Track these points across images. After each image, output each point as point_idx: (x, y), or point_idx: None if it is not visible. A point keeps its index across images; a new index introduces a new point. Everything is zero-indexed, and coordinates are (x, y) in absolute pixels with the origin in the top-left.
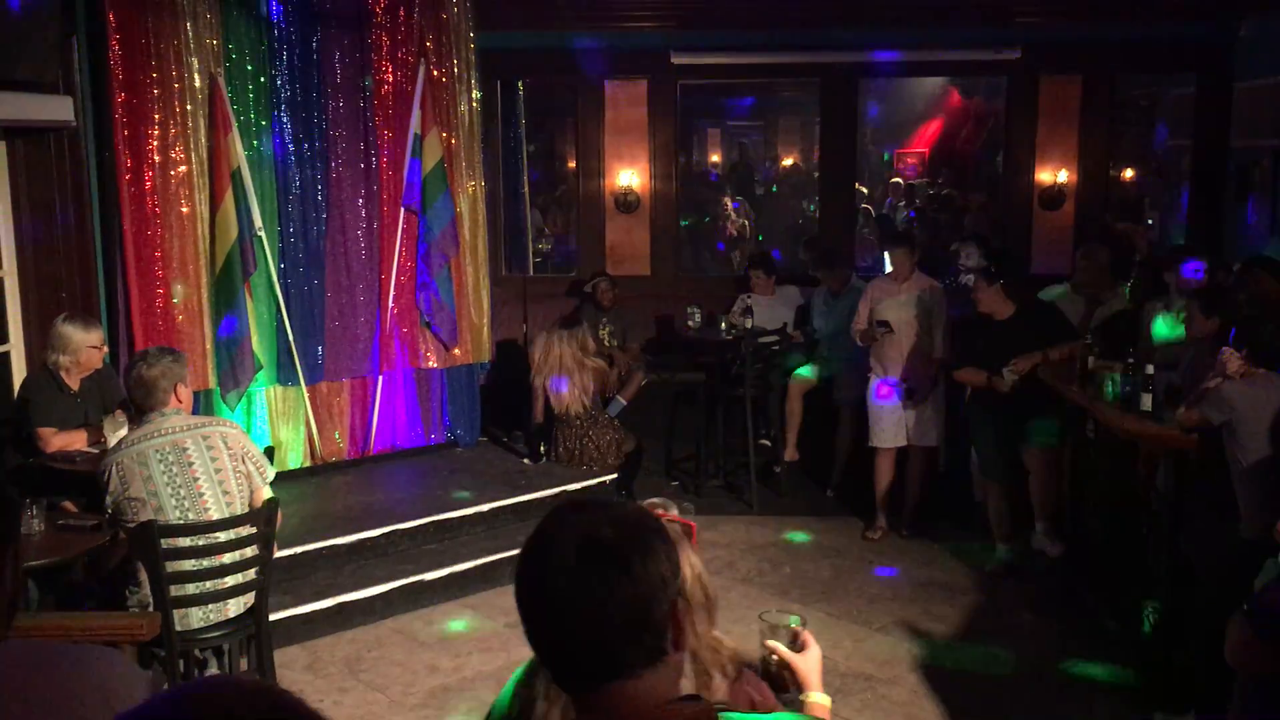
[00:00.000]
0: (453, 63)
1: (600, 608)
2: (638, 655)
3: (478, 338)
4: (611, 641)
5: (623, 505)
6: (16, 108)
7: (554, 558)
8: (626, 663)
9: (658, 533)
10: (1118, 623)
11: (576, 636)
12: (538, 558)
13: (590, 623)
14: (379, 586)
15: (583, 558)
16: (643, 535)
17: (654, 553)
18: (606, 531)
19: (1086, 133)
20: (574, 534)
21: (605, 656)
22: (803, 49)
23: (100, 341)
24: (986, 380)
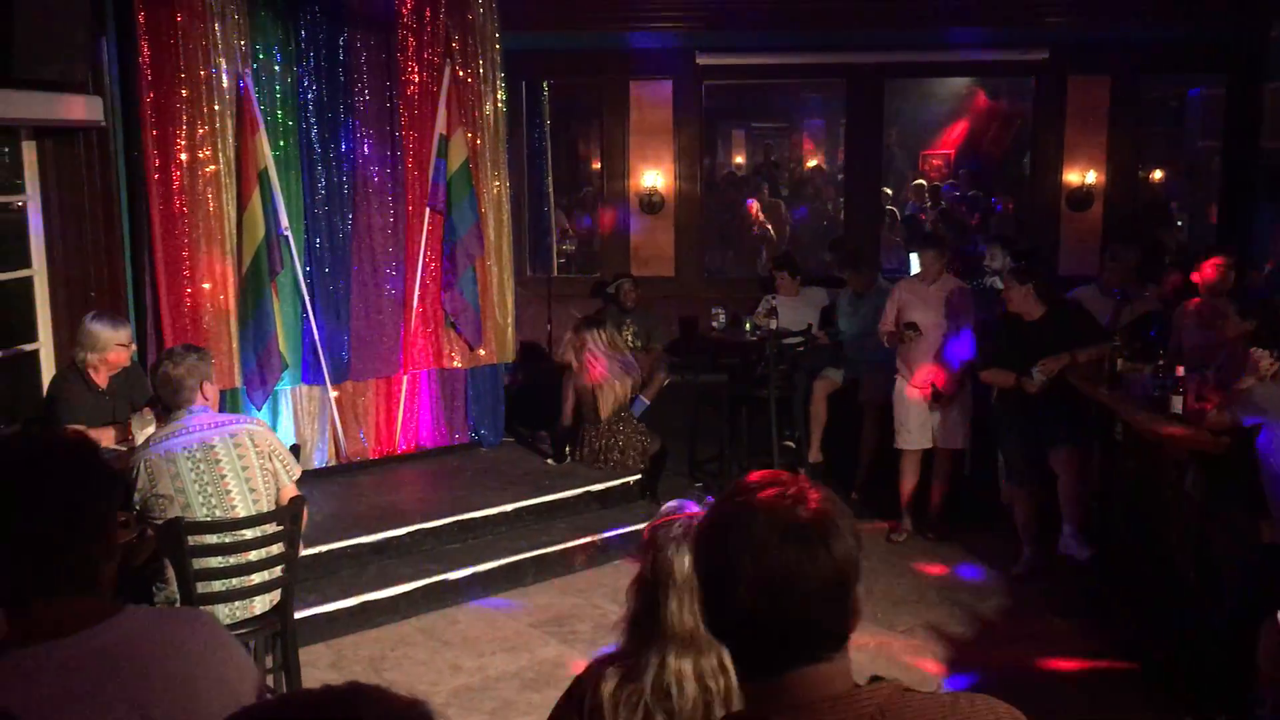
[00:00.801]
0: (478, 63)
1: (806, 586)
2: (833, 637)
3: (502, 338)
4: (815, 621)
5: (803, 483)
6: (46, 108)
7: (756, 537)
8: (823, 645)
9: (846, 513)
10: (1145, 626)
11: (785, 617)
12: (737, 538)
13: (797, 602)
14: (403, 585)
15: (787, 536)
16: (837, 513)
17: (849, 530)
18: (803, 510)
19: (1115, 134)
20: (771, 513)
21: (807, 638)
22: (828, 49)
23: (128, 340)
24: (1014, 381)
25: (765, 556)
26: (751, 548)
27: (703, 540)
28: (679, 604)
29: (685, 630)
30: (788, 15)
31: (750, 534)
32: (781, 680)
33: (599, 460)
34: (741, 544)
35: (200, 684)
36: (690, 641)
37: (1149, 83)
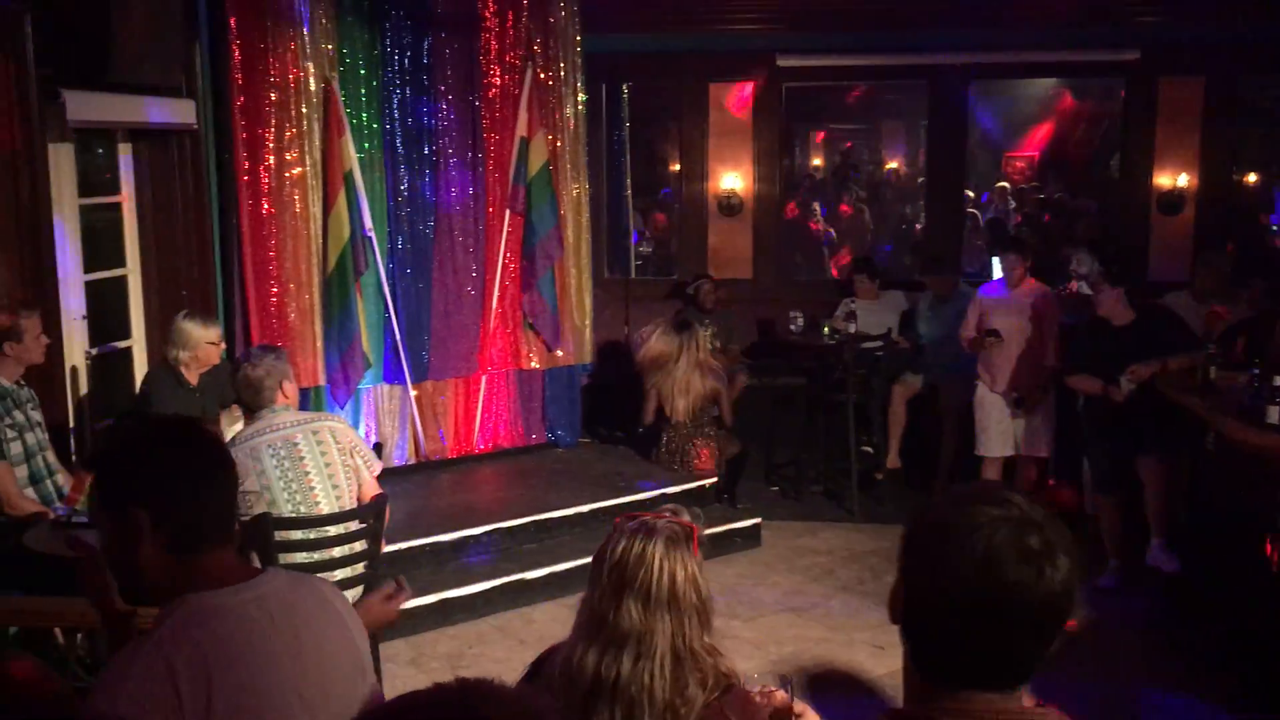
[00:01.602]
0: (559, 66)
1: (1026, 609)
2: (1027, 668)
3: (579, 339)
4: (1023, 647)
5: (1030, 503)
6: (142, 111)
7: (986, 553)
8: (1017, 673)
9: (1070, 539)
10: (1237, 643)
11: (996, 637)
12: (962, 549)
13: (1013, 623)
14: (481, 584)
15: (1020, 556)
16: (1066, 538)
17: (1074, 558)
18: (1034, 532)
19: (1208, 136)
20: (1003, 530)
21: (1007, 662)
22: (911, 50)
23: (218, 338)
24: (1101, 389)
25: (992, 573)
26: (979, 562)
27: (922, 545)
28: (599, 589)
29: (598, 616)
30: (869, 16)
31: (980, 548)
32: (958, 693)
33: (676, 461)
34: (968, 556)
35: (338, 643)
36: (599, 629)
37: (1245, 83)
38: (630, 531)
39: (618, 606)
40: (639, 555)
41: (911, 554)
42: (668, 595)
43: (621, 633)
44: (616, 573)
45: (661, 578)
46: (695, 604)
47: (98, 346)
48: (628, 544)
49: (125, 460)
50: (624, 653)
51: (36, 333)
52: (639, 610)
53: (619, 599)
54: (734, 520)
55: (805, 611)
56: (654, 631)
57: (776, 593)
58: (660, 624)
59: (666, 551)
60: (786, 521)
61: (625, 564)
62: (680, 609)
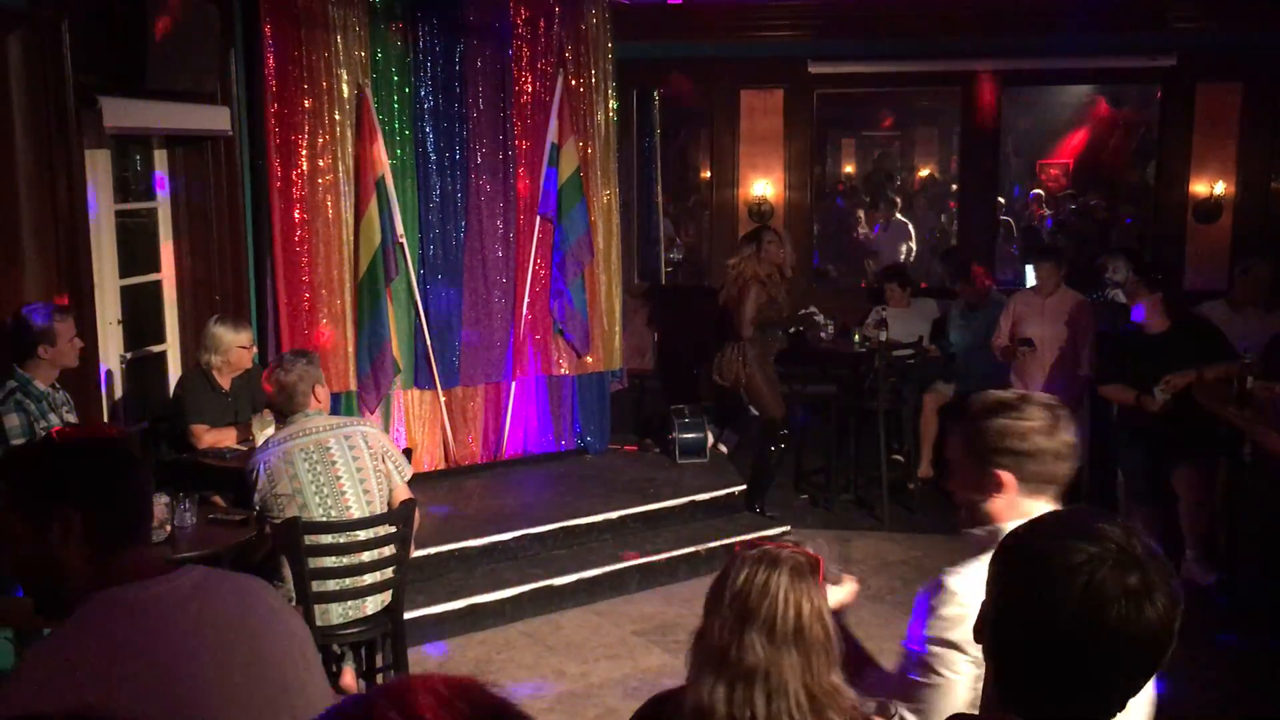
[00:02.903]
0: (590, 73)
1: (1134, 645)
2: (1125, 702)
3: (609, 345)
4: (1128, 683)
5: (1127, 530)
6: (177, 118)
7: (1094, 589)
8: (1116, 707)
9: (1171, 569)
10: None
11: (1104, 675)
12: (1069, 586)
13: (1121, 661)
14: (509, 589)
15: (1127, 592)
16: (1169, 569)
17: (1178, 590)
18: (1138, 565)
19: (1247, 143)
20: (1107, 563)
21: (1121, 694)
22: (943, 56)
23: (249, 342)
24: (1135, 398)
25: (1093, 613)
26: (1079, 600)
27: (1018, 576)
28: (720, 619)
29: (720, 648)
30: (901, 22)
31: (1079, 586)
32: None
33: None
34: (1068, 594)
35: (268, 634)
36: (723, 664)
37: None
38: (753, 560)
39: (740, 640)
40: (763, 586)
41: (1005, 582)
42: (793, 629)
43: (747, 668)
44: (738, 603)
45: (787, 611)
46: (822, 639)
47: (133, 351)
48: (750, 573)
49: (50, 461)
50: (754, 691)
51: (70, 336)
52: (764, 644)
53: (741, 631)
54: (763, 528)
55: None
56: (781, 667)
57: None
58: (787, 659)
59: (792, 583)
60: (816, 530)
61: (748, 594)
62: (807, 644)
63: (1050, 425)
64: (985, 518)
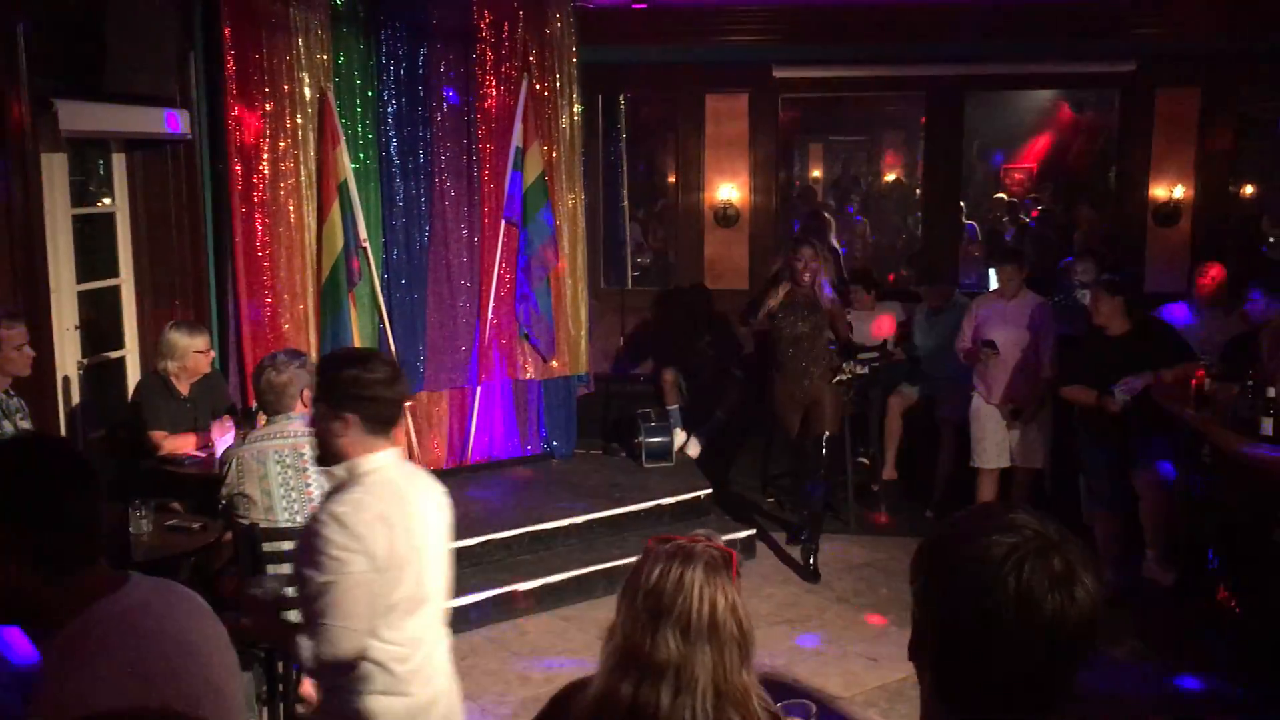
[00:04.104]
0: (555, 77)
1: (1066, 632)
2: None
3: (575, 350)
4: (1067, 670)
5: (1040, 521)
6: (136, 121)
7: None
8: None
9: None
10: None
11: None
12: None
13: (1059, 650)
14: (474, 595)
15: (1052, 582)
16: (1084, 552)
17: (1095, 570)
18: (1058, 552)
19: (1205, 147)
20: (1028, 556)
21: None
22: (907, 61)
23: (206, 346)
24: (1096, 400)
25: (1029, 609)
26: (1014, 599)
27: (948, 588)
28: (632, 614)
29: (631, 644)
30: (865, 28)
31: (1011, 586)
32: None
33: None
34: (1000, 596)
35: (217, 635)
36: (634, 658)
37: (1241, 95)
38: (667, 555)
39: (654, 635)
40: (676, 581)
41: (937, 593)
42: (707, 625)
43: (658, 663)
44: (652, 599)
45: (701, 606)
46: (736, 635)
47: (90, 356)
48: (665, 568)
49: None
50: (662, 684)
51: (19, 343)
52: (677, 640)
53: (655, 627)
54: (728, 532)
55: (800, 623)
56: (693, 663)
57: (771, 604)
58: (700, 655)
59: (706, 578)
60: (782, 533)
61: (662, 590)
62: (720, 640)
63: (390, 378)
64: (340, 453)
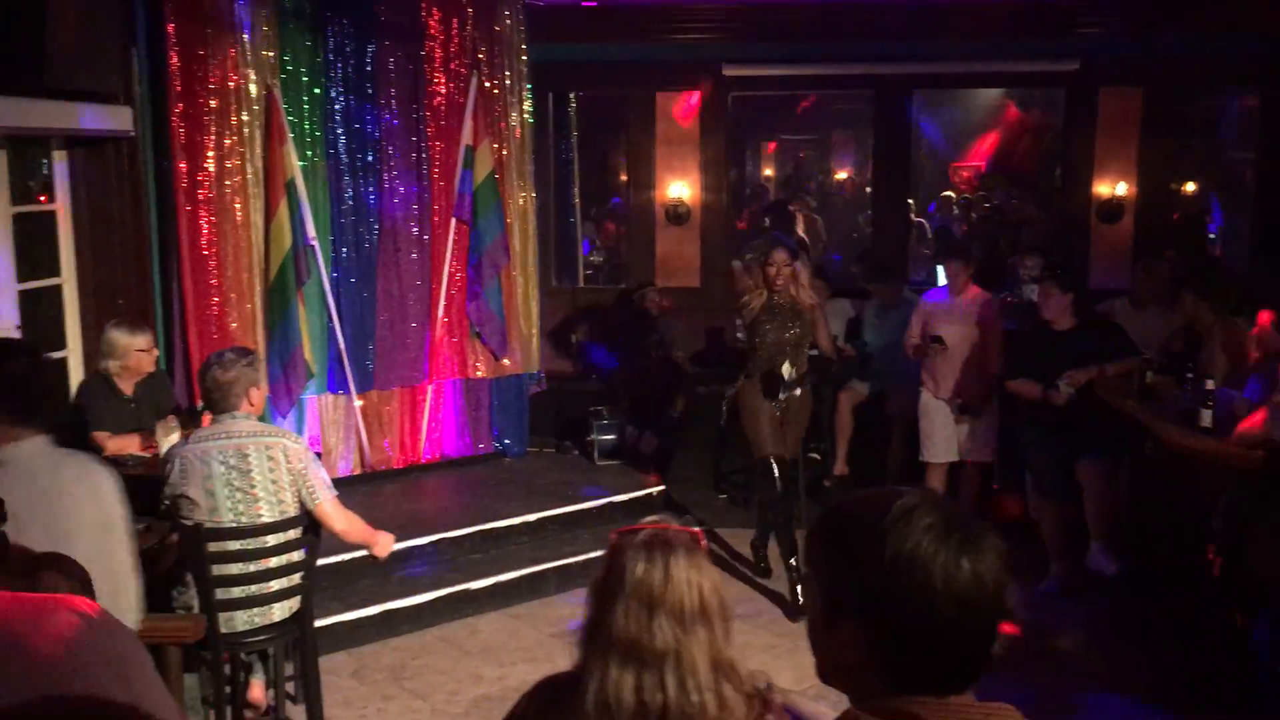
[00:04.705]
0: (504, 74)
1: (987, 597)
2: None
3: (527, 348)
4: (988, 636)
5: (941, 495)
6: (77, 118)
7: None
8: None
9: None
10: (1177, 643)
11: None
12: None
13: (983, 615)
14: (425, 595)
15: (964, 551)
16: (960, 509)
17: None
18: (965, 522)
19: (1147, 145)
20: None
21: (978, 657)
22: (856, 60)
23: (147, 345)
24: (1041, 393)
25: (955, 580)
26: (942, 574)
27: (875, 572)
28: (624, 610)
29: (628, 638)
30: (814, 26)
31: (934, 561)
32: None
33: None
34: (928, 572)
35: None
36: (632, 651)
37: (1182, 94)
38: (647, 548)
39: (649, 627)
40: (665, 572)
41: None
42: (699, 607)
43: (657, 653)
44: (643, 591)
45: (692, 592)
46: (719, 610)
47: None
48: (649, 562)
49: None
50: (665, 674)
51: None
52: (672, 626)
53: (650, 619)
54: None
55: (753, 618)
56: (690, 646)
57: None
58: (695, 638)
59: (689, 564)
60: (735, 529)
61: (652, 582)
62: (710, 619)
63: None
64: None
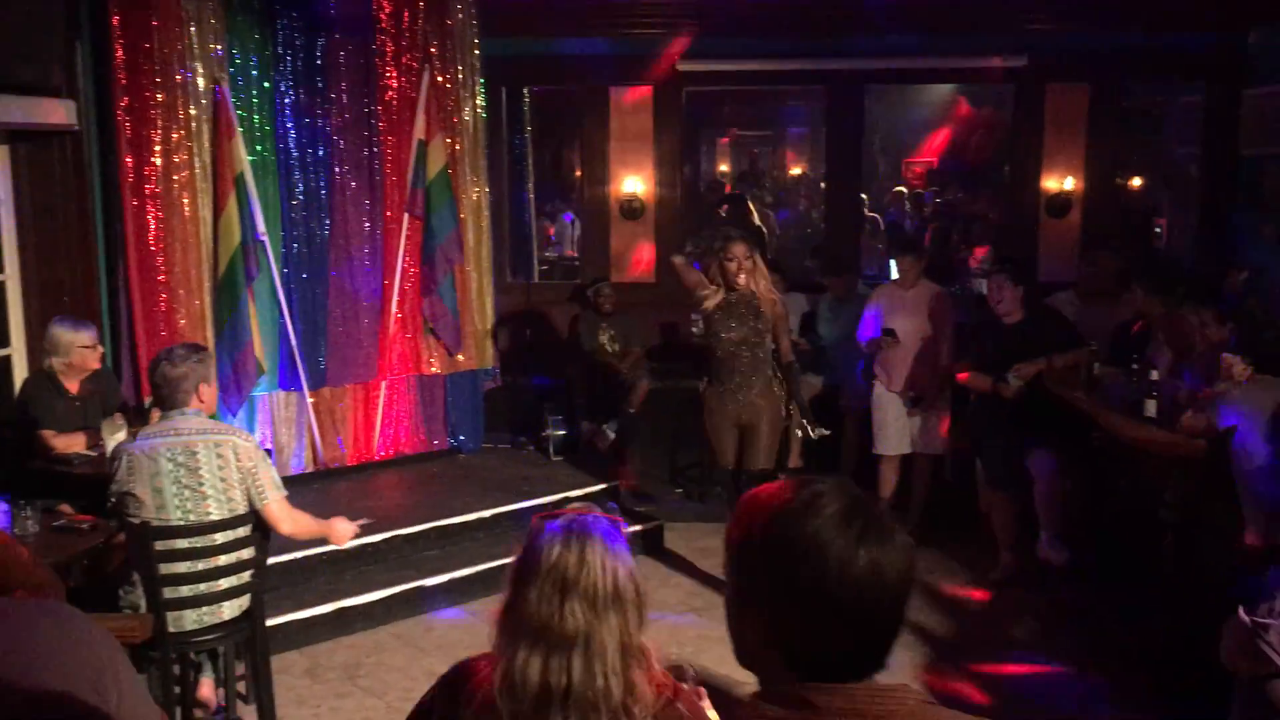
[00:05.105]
0: (457, 69)
1: (885, 589)
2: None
3: (481, 344)
4: (889, 624)
5: (852, 488)
6: (19, 111)
7: (836, 549)
8: (882, 655)
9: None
10: (1124, 630)
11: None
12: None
13: (881, 606)
14: (379, 592)
15: (864, 543)
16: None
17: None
18: (868, 514)
19: (1094, 140)
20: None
21: (876, 646)
22: (808, 56)
23: (91, 341)
24: (990, 386)
25: (852, 567)
26: (837, 560)
27: (777, 555)
28: (537, 593)
29: (539, 621)
30: (767, 21)
31: (831, 546)
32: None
33: None
34: (824, 557)
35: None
36: (542, 634)
37: (1128, 90)
38: (564, 531)
39: (561, 609)
40: (579, 555)
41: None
42: (612, 593)
43: (567, 636)
44: (557, 575)
45: (605, 577)
46: (634, 597)
47: None
48: (564, 545)
49: None
50: (573, 656)
51: None
52: (584, 610)
53: (562, 602)
54: (637, 523)
55: (707, 611)
56: (600, 631)
57: (679, 593)
58: (606, 623)
59: (606, 549)
60: (690, 523)
61: (566, 566)
62: (624, 605)
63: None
64: None
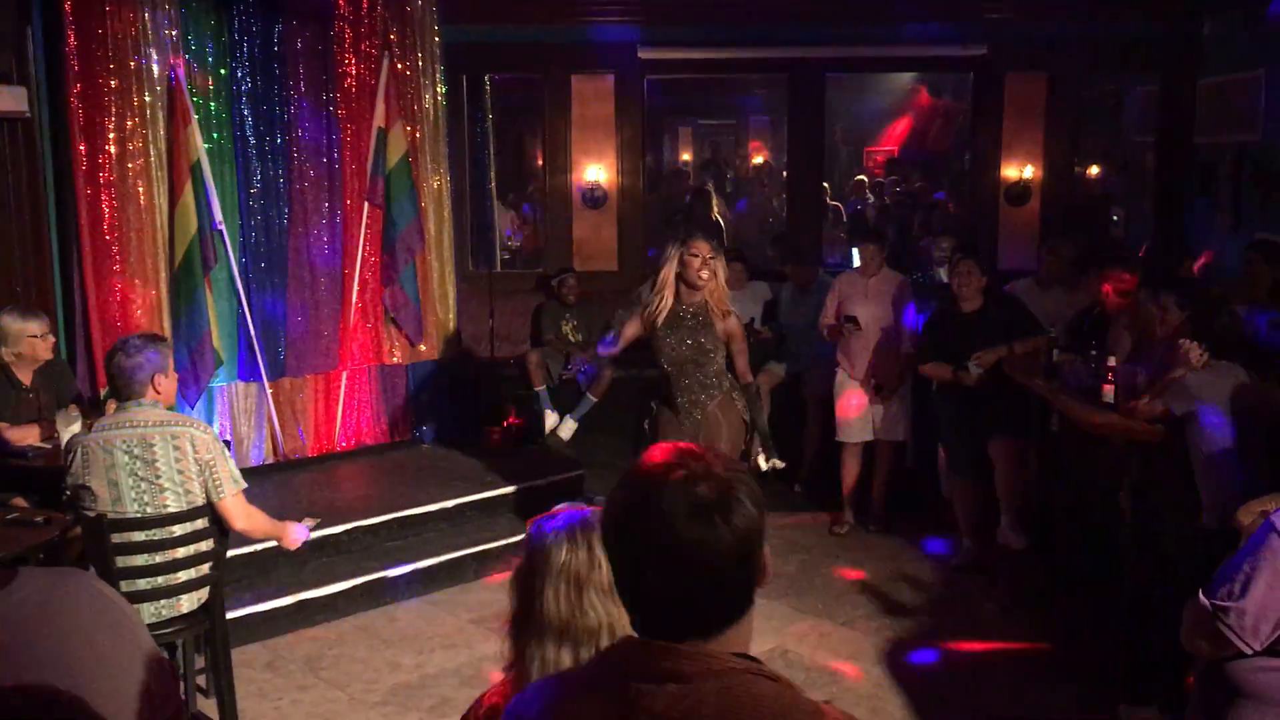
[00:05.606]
0: (417, 56)
1: (713, 559)
2: (739, 601)
3: (443, 333)
4: (721, 589)
5: (707, 457)
6: None
7: (665, 516)
8: (732, 609)
9: (747, 481)
10: (1083, 615)
11: (695, 589)
12: (645, 517)
13: (706, 575)
14: (341, 583)
15: (693, 514)
16: (739, 483)
17: (751, 499)
18: (705, 486)
19: (1052, 129)
20: (676, 491)
21: (715, 605)
22: (770, 44)
23: (41, 330)
24: (952, 374)
25: (675, 534)
26: (662, 526)
27: (615, 519)
28: (554, 594)
29: (561, 620)
30: (728, 9)
31: (659, 513)
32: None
33: None
34: (652, 523)
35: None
36: (566, 632)
37: (1086, 79)
38: (568, 533)
39: (580, 604)
40: (588, 554)
41: (613, 536)
42: None
43: (590, 629)
44: (569, 572)
45: None
46: (608, 590)
47: None
48: (572, 544)
49: None
50: (600, 647)
51: None
52: (603, 602)
53: (580, 597)
54: None
55: None
56: (621, 619)
57: None
58: (623, 610)
59: None
60: None
61: (578, 564)
62: (610, 595)
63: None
64: None
